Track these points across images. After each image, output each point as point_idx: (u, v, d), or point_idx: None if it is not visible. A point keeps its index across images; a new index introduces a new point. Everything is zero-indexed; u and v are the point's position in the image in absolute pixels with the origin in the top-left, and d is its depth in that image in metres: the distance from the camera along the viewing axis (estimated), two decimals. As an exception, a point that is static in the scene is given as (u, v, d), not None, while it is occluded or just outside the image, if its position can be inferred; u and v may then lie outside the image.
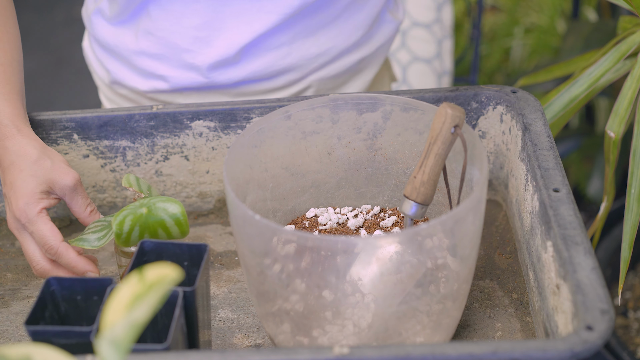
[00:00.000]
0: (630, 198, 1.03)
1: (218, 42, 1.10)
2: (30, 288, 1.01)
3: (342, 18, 1.13)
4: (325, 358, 0.72)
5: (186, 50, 1.11)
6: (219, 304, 0.96)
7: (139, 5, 1.11)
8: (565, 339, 0.72)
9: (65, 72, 2.83)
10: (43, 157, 0.95)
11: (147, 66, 1.14)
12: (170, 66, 1.13)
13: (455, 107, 0.85)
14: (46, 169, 0.94)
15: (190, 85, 1.14)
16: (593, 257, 0.79)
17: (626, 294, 1.67)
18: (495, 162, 1.05)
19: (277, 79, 1.15)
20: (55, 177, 0.94)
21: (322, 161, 0.98)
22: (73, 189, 0.95)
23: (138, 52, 1.14)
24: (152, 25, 1.11)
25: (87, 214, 0.96)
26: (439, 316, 0.83)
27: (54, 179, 0.94)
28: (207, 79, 1.13)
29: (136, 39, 1.13)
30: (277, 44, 1.12)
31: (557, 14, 2.45)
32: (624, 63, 1.09)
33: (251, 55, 1.12)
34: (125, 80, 1.18)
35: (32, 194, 0.93)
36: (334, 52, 1.15)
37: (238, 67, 1.12)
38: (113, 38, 1.15)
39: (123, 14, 1.13)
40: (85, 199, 0.96)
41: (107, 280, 0.80)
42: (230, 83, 1.13)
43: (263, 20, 1.08)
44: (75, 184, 0.95)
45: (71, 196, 0.95)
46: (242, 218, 0.80)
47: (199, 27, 1.09)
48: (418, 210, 0.88)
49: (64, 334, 0.76)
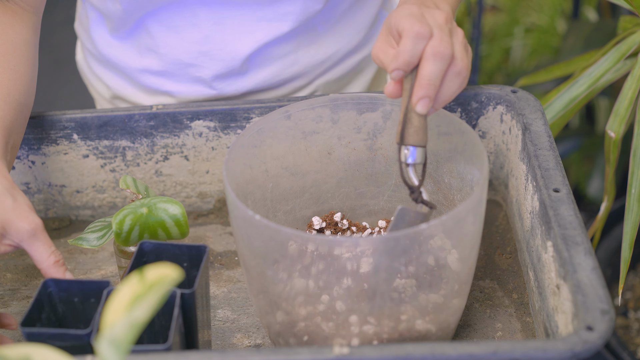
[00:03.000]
0: (631, 198, 1.02)
1: (222, 55, 1.09)
2: (30, 288, 1.01)
3: (343, 22, 1.13)
4: (325, 358, 0.72)
5: (191, 65, 1.11)
6: (219, 304, 0.96)
7: (136, 22, 1.09)
8: (565, 339, 0.72)
9: (65, 72, 2.83)
10: (5, 194, 0.85)
11: (152, 83, 1.14)
12: (176, 81, 1.13)
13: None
14: (5, 208, 0.84)
15: (197, 99, 1.14)
16: (593, 257, 0.79)
17: (626, 294, 1.67)
18: (496, 162, 1.05)
19: (284, 87, 1.15)
20: (12, 218, 0.84)
21: (322, 161, 0.98)
22: (31, 234, 0.84)
23: (142, 70, 1.13)
24: (152, 43, 1.10)
25: (50, 263, 0.84)
26: (439, 316, 0.83)
27: (10, 220, 0.84)
28: (215, 91, 1.12)
29: (139, 57, 1.12)
30: (282, 53, 1.11)
31: (557, 13, 2.45)
32: (624, 63, 1.09)
33: (257, 66, 1.12)
34: (129, 96, 1.17)
35: None
36: (338, 55, 1.15)
37: (245, 77, 1.12)
38: (113, 54, 1.14)
39: (119, 31, 1.11)
40: (47, 246, 0.85)
41: (105, 283, 0.80)
42: (238, 93, 1.13)
43: (266, 29, 1.08)
44: (33, 229, 0.84)
45: (29, 242, 0.84)
46: (242, 218, 0.80)
47: (201, 41, 1.09)
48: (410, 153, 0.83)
49: (60, 336, 0.75)
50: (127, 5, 1.05)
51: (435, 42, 0.81)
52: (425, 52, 0.81)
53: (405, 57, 0.81)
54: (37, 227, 0.84)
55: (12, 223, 0.84)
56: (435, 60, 0.81)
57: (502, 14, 2.60)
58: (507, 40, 2.48)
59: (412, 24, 0.81)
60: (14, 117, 0.94)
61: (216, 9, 1.06)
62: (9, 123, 0.93)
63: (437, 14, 0.83)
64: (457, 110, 1.03)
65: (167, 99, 1.15)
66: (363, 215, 1.01)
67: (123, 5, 1.05)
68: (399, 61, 0.81)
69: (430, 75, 0.81)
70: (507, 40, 2.48)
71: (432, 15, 0.83)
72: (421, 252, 0.79)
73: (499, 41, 2.49)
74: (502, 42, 2.49)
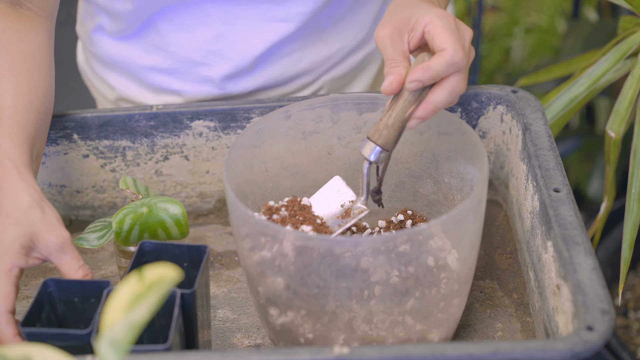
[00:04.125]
0: (631, 198, 1.02)
1: (232, 54, 1.09)
2: (30, 288, 1.01)
3: (347, 18, 1.14)
4: (325, 358, 0.71)
5: (200, 64, 1.11)
6: (218, 304, 0.96)
7: (145, 21, 1.09)
8: (565, 339, 0.72)
9: (65, 72, 2.82)
10: (34, 206, 0.84)
11: (159, 82, 1.14)
12: (184, 80, 1.13)
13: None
14: (33, 221, 0.83)
15: (204, 98, 1.14)
16: (593, 257, 0.79)
17: (627, 294, 1.67)
18: (496, 162, 1.05)
19: (290, 84, 1.15)
20: (40, 231, 0.83)
21: (322, 161, 0.98)
22: (60, 247, 0.83)
23: (148, 68, 1.13)
24: (161, 41, 1.10)
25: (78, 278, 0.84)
26: (439, 316, 0.83)
27: (38, 234, 0.83)
28: (222, 90, 1.12)
29: (146, 55, 1.12)
30: (289, 50, 1.12)
31: (557, 13, 2.45)
32: (624, 63, 1.09)
33: (265, 64, 1.12)
34: (134, 96, 1.17)
35: (11, 246, 0.82)
36: (343, 52, 1.15)
37: (252, 76, 1.12)
38: (118, 54, 1.13)
39: (127, 30, 1.11)
40: (75, 260, 0.84)
41: (105, 283, 0.80)
42: (245, 92, 1.13)
43: (276, 29, 1.08)
44: (62, 243, 0.84)
45: (58, 256, 0.84)
46: (242, 218, 0.80)
47: (212, 40, 1.09)
48: (378, 155, 0.85)
49: (60, 336, 0.75)
50: (138, 5, 1.05)
51: (460, 78, 0.82)
52: (447, 82, 0.82)
53: (432, 75, 0.82)
54: (65, 241, 0.84)
55: (40, 237, 0.83)
56: (451, 94, 0.83)
57: (502, 14, 2.60)
58: (507, 40, 2.48)
59: (455, 47, 0.81)
60: (36, 125, 0.94)
61: (227, 8, 1.06)
62: (32, 132, 0.93)
63: (467, 34, 0.84)
64: (457, 110, 1.03)
65: (173, 98, 1.15)
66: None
67: (134, 4, 1.05)
68: (425, 76, 0.82)
69: (438, 104, 0.83)
70: (507, 40, 2.48)
71: (464, 34, 0.84)
72: (421, 252, 0.79)
73: (499, 41, 2.49)
74: (502, 42, 2.49)
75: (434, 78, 0.82)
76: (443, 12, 0.84)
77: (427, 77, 0.82)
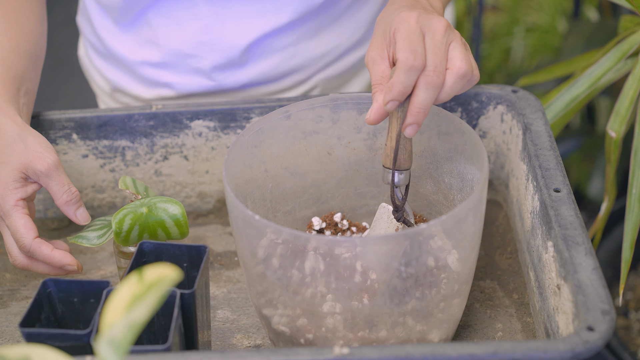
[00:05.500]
0: (631, 198, 1.02)
1: (221, 45, 1.10)
2: (29, 288, 1.00)
3: (344, 17, 1.14)
4: (325, 358, 0.71)
5: (190, 56, 1.11)
6: (218, 305, 0.96)
7: (136, 14, 1.10)
8: (566, 340, 0.72)
9: (64, 72, 2.83)
10: (16, 140, 0.90)
11: (151, 75, 1.14)
12: (175, 73, 1.13)
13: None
14: (18, 153, 0.89)
15: (196, 90, 1.14)
16: (594, 257, 0.79)
17: (627, 295, 1.66)
18: (496, 162, 1.05)
19: (284, 80, 1.15)
20: (25, 162, 0.89)
21: (322, 161, 0.98)
22: (45, 174, 0.89)
23: (141, 62, 1.14)
24: (153, 34, 1.11)
25: (62, 202, 0.90)
26: (440, 316, 0.83)
27: (25, 164, 0.89)
28: (214, 82, 1.13)
29: (139, 49, 1.13)
30: (282, 45, 1.11)
31: (558, 13, 2.45)
32: (625, 63, 1.09)
33: (257, 57, 1.12)
34: (128, 88, 1.17)
35: (6, 184, 0.88)
36: (338, 51, 1.15)
37: (244, 69, 1.12)
38: (116, 45, 1.14)
39: (119, 22, 1.12)
40: (61, 185, 0.90)
41: (104, 283, 0.80)
42: (237, 86, 1.13)
43: (266, 20, 1.08)
44: (46, 170, 0.89)
45: (45, 182, 0.90)
46: (242, 218, 0.80)
47: (202, 31, 1.09)
48: (399, 177, 0.87)
49: (59, 337, 0.75)
50: None
51: (428, 73, 0.81)
52: (419, 83, 0.81)
53: (399, 88, 0.81)
54: (49, 167, 0.89)
55: (27, 166, 0.89)
56: (427, 90, 0.81)
57: (502, 14, 2.60)
58: (508, 40, 2.48)
59: (404, 53, 0.80)
60: (24, 66, 0.98)
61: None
62: (20, 71, 0.97)
63: (435, 26, 0.83)
64: (458, 110, 1.03)
65: (166, 90, 1.15)
66: (363, 215, 1.01)
67: None
68: (394, 93, 0.81)
69: (421, 104, 0.82)
70: (508, 40, 2.48)
71: (430, 28, 0.82)
72: (421, 253, 0.79)
73: (499, 41, 2.49)
74: (503, 41, 2.49)
75: (403, 91, 0.81)
76: (406, 16, 0.83)
77: (396, 94, 0.81)
